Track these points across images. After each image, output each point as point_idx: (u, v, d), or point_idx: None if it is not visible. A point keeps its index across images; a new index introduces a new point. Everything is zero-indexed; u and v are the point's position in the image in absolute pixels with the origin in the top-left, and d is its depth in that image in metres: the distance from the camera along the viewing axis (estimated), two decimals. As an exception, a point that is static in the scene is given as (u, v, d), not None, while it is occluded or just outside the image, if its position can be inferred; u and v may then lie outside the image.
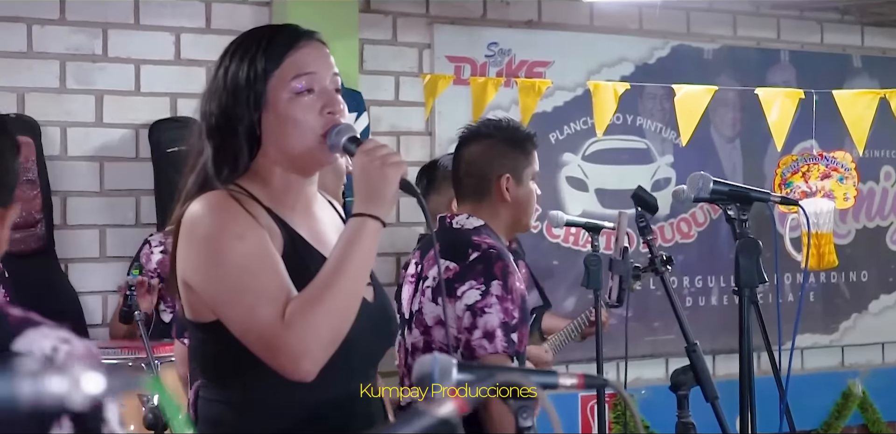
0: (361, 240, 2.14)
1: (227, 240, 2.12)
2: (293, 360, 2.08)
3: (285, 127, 2.22)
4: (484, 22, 6.11)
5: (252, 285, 2.11)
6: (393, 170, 2.15)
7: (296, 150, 2.22)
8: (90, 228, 5.25)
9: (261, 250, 2.13)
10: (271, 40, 2.26)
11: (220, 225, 2.14)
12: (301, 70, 2.23)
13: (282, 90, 2.22)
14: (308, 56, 2.26)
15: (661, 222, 6.40)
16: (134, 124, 5.31)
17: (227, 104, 2.24)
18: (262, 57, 2.24)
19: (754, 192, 3.08)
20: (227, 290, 2.13)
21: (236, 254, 2.12)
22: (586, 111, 6.02)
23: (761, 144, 6.60)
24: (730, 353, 6.00)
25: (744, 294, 2.98)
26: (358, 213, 2.16)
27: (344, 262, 2.12)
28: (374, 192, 2.16)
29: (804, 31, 7.00)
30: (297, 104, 2.21)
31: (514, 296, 3.24)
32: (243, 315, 2.12)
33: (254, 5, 5.57)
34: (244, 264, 2.12)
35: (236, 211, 2.16)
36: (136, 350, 4.10)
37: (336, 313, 2.10)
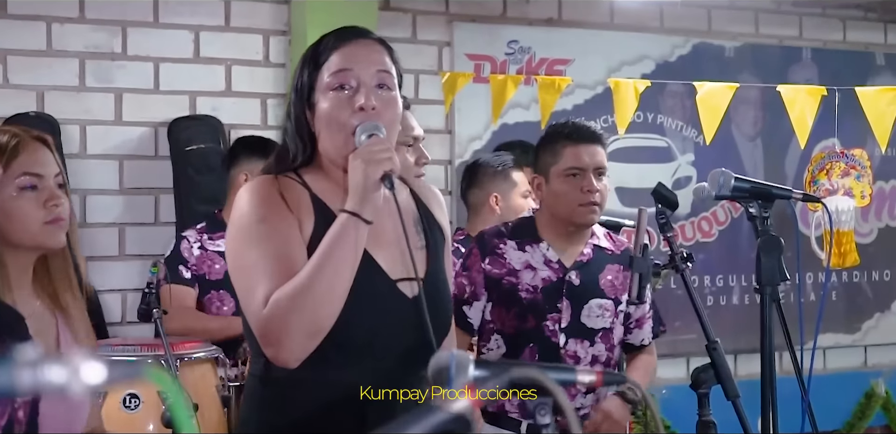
0: (341, 237, 2.19)
1: (249, 220, 2.23)
2: (270, 346, 2.18)
3: (322, 123, 2.31)
4: (504, 20, 6.09)
5: (254, 268, 2.20)
6: (374, 167, 2.20)
7: (330, 146, 2.32)
8: (109, 227, 5.25)
9: (275, 234, 2.24)
10: (319, 43, 2.36)
11: (247, 207, 2.25)
12: (339, 66, 2.30)
13: (322, 86, 2.31)
14: (351, 51, 2.32)
15: (682, 221, 6.37)
16: (153, 122, 5.31)
17: (292, 103, 2.37)
18: (312, 60, 2.35)
19: (776, 189, 3.05)
20: (237, 269, 2.26)
21: (251, 235, 2.22)
22: (606, 109, 6.00)
23: (783, 143, 6.57)
24: (751, 353, 5.96)
25: (765, 292, 2.95)
26: (342, 210, 2.23)
27: (324, 259, 2.18)
28: (355, 189, 2.22)
29: (826, 29, 6.95)
30: (329, 100, 2.29)
31: (472, 274, 3.54)
32: (242, 294, 2.24)
33: (273, 3, 5.56)
34: (254, 246, 2.22)
35: (268, 194, 2.26)
36: (154, 348, 4.09)
37: (310, 307, 2.15)
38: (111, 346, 4.26)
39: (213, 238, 4.68)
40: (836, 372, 6.81)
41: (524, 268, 3.56)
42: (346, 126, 2.27)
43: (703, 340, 2.91)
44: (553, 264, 3.57)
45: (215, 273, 4.64)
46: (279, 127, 5.56)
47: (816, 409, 3.09)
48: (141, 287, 4.65)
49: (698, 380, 2.80)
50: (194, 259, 4.66)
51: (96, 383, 0.82)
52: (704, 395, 2.79)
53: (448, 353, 1.63)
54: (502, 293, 3.54)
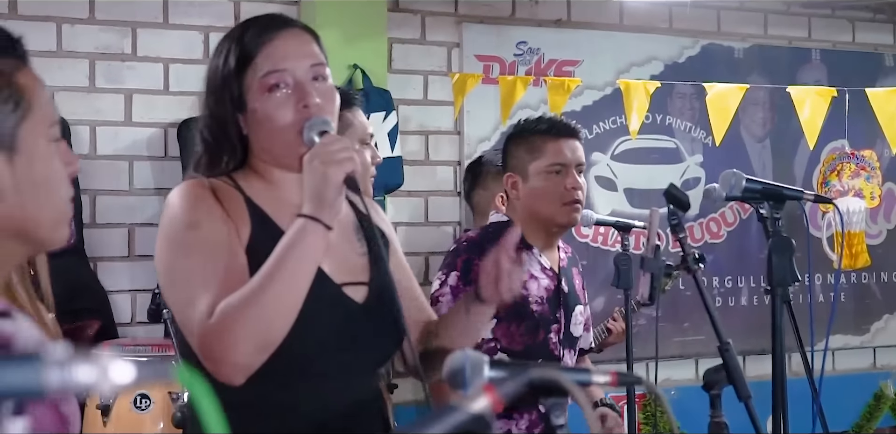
0: (298, 243, 2.03)
1: (181, 227, 2.08)
2: (214, 362, 2.00)
3: (262, 125, 2.15)
4: (513, 21, 6.09)
5: (192, 277, 2.04)
6: (335, 169, 2.04)
7: (276, 148, 2.16)
8: (119, 227, 5.26)
9: (212, 241, 2.07)
10: (241, 37, 2.20)
11: (178, 212, 2.10)
12: (273, 66, 2.15)
13: (255, 89, 2.15)
14: (280, 48, 2.18)
15: (691, 222, 6.36)
16: (163, 123, 5.31)
17: (211, 105, 2.21)
18: (234, 56, 2.18)
19: (787, 190, 3.05)
20: (172, 280, 2.09)
21: (185, 242, 2.07)
22: (615, 110, 6.00)
23: (792, 144, 6.56)
24: (760, 354, 5.96)
25: (776, 293, 2.95)
26: (300, 214, 2.07)
27: (278, 266, 2.01)
28: (314, 193, 2.06)
29: (836, 30, 6.94)
30: (269, 101, 2.14)
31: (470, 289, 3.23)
32: (179, 306, 2.07)
33: (282, 4, 5.56)
34: (190, 254, 2.06)
35: (200, 198, 2.11)
36: (165, 348, 4.10)
37: (262, 318, 1.98)
38: (121, 347, 4.27)
39: None
40: (844, 373, 6.80)
41: (529, 277, 3.34)
42: (291, 125, 2.13)
43: (711, 341, 2.91)
44: (548, 272, 3.42)
45: None
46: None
47: (825, 410, 3.09)
48: (150, 287, 4.67)
49: (710, 381, 2.79)
50: None
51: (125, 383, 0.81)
52: (717, 397, 2.79)
53: (462, 353, 1.63)
54: (512, 307, 3.17)
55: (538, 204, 3.36)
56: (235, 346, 1.97)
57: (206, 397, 0.82)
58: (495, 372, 1.58)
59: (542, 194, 3.34)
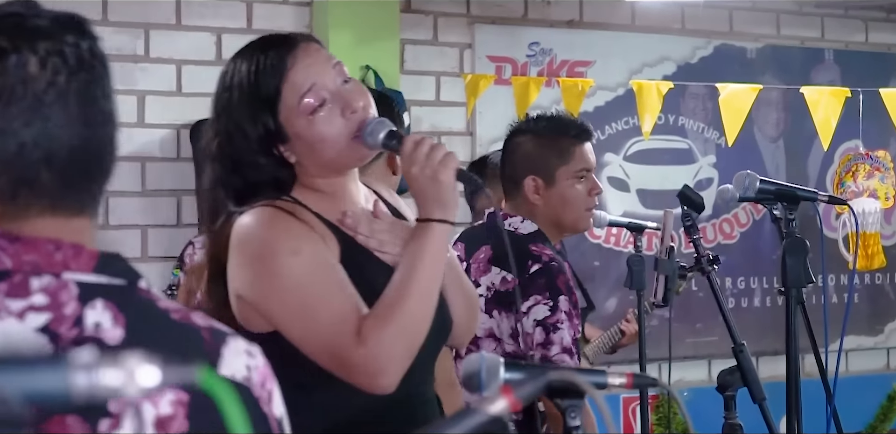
0: (428, 246, 2.08)
1: (282, 256, 2.04)
2: (371, 377, 2.02)
3: (316, 146, 2.12)
4: (525, 21, 6.09)
5: (318, 304, 2.04)
6: (444, 172, 2.08)
7: (334, 161, 2.15)
8: (132, 228, 5.26)
9: (320, 264, 2.06)
10: (259, 73, 2.11)
11: (272, 241, 2.06)
12: (302, 89, 2.10)
13: (295, 117, 2.11)
14: (300, 72, 2.12)
15: (704, 223, 6.35)
16: (175, 124, 5.32)
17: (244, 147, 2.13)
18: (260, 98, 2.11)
19: (801, 192, 3.05)
20: (291, 310, 2.06)
21: (294, 271, 2.04)
22: (628, 111, 5.99)
23: (805, 144, 6.54)
24: (773, 355, 5.94)
25: (790, 294, 2.94)
26: (422, 219, 2.11)
27: (414, 273, 2.06)
28: (433, 198, 2.09)
29: (849, 30, 6.93)
30: (317, 123, 2.11)
31: (578, 311, 3.17)
32: (313, 334, 2.05)
33: (294, 5, 5.57)
34: (305, 282, 2.04)
35: (288, 224, 2.08)
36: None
37: (411, 326, 2.04)
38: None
39: None
40: (858, 374, 6.78)
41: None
42: (345, 135, 2.11)
43: (724, 342, 2.91)
44: None
45: None
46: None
47: (839, 412, 3.08)
48: (162, 289, 4.68)
49: (725, 382, 2.80)
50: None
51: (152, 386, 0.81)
52: (731, 398, 2.79)
53: (478, 355, 1.62)
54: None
55: (564, 209, 3.29)
56: (392, 356, 2.02)
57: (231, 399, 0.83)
58: (511, 374, 1.58)
59: (570, 200, 3.28)
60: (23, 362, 0.85)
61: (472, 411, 1.14)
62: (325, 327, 2.02)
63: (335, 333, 2.01)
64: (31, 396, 0.83)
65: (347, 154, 2.13)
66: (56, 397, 0.83)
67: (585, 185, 3.28)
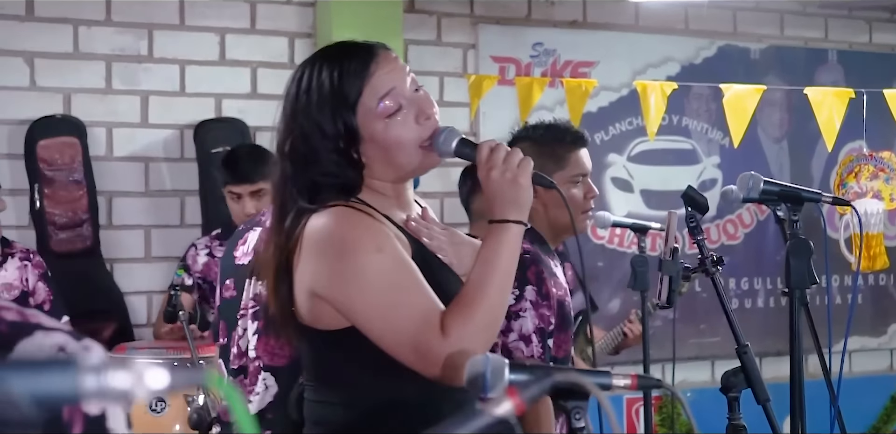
0: (505, 245, 2.17)
1: (366, 254, 2.12)
2: (453, 370, 2.05)
3: (389, 151, 2.20)
4: (528, 22, 6.09)
5: (401, 301, 2.12)
6: (523, 176, 2.17)
7: (403, 166, 2.23)
8: (135, 229, 5.27)
9: (401, 262, 2.14)
10: (342, 75, 2.20)
11: (355, 239, 2.13)
12: (382, 92, 2.19)
13: (372, 119, 2.19)
14: (382, 77, 2.21)
15: (708, 224, 6.35)
16: (179, 125, 5.32)
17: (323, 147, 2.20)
18: (341, 97, 2.19)
19: (805, 192, 3.03)
20: (374, 306, 2.13)
21: (378, 268, 2.12)
22: (632, 112, 5.99)
23: (809, 145, 6.54)
24: (776, 356, 5.94)
25: (794, 295, 2.94)
26: (499, 220, 2.18)
27: (493, 270, 2.14)
28: (511, 201, 2.18)
29: (852, 31, 6.92)
30: (393, 127, 2.19)
31: (551, 302, 3.25)
32: (396, 329, 2.12)
33: (298, 6, 5.57)
34: (389, 280, 2.12)
35: (368, 223, 2.16)
36: (180, 350, 4.10)
37: (490, 320, 2.13)
38: (137, 349, 4.27)
39: (224, 244, 4.70)
40: (861, 375, 6.78)
41: (570, 286, 3.45)
42: (417, 140, 2.20)
43: (727, 343, 2.90)
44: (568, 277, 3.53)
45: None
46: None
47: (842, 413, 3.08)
48: (166, 289, 4.68)
49: (728, 383, 2.79)
50: (199, 266, 4.67)
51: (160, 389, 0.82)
52: (734, 399, 2.78)
53: (483, 356, 1.62)
54: (563, 316, 3.32)
55: (561, 212, 3.34)
56: (475, 349, 2.07)
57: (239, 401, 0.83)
58: (516, 375, 1.58)
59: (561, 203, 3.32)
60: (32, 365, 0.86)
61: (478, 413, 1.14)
62: (409, 322, 2.10)
63: (419, 328, 2.09)
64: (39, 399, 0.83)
65: (418, 160, 2.22)
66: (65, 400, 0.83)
67: (581, 189, 3.40)
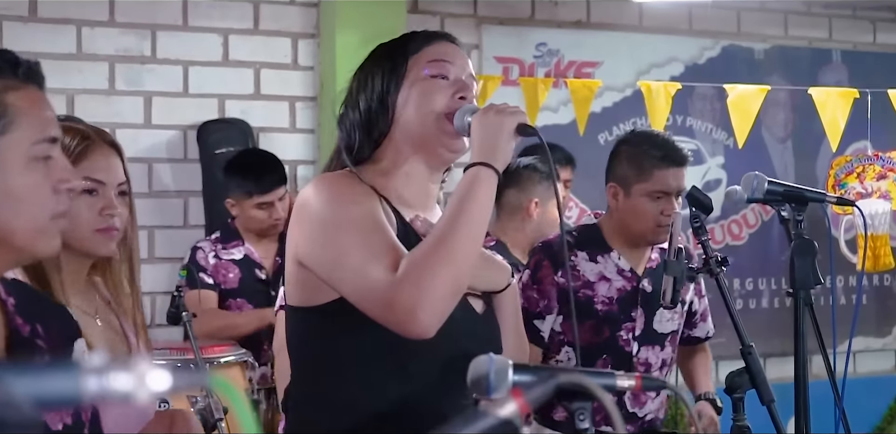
0: (475, 189, 2.09)
1: (342, 205, 2.11)
2: (407, 313, 1.99)
3: (415, 106, 2.21)
4: (532, 22, 6.09)
5: (363, 242, 2.06)
6: (509, 118, 2.13)
7: (422, 132, 2.21)
8: (139, 229, 5.25)
9: (375, 214, 2.11)
10: (414, 35, 2.32)
11: (334, 194, 2.13)
12: (438, 56, 2.25)
13: (417, 70, 2.23)
14: (446, 48, 2.29)
15: (712, 224, 6.35)
16: (182, 126, 5.32)
17: (368, 88, 2.25)
18: (404, 46, 2.27)
19: (809, 193, 3.03)
20: (341, 251, 2.07)
21: (350, 216, 2.09)
22: (636, 112, 5.98)
23: (814, 145, 6.53)
24: (781, 357, 5.93)
25: (799, 296, 2.93)
26: (472, 164, 2.12)
27: (459, 213, 2.06)
28: (487, 141, 2.12)
29: (857, 31, 6.92)
30: (428, 84, 2.22)
31: (544, 287, 3.46)
32: (354, 272, 2.05)
33: (302, 6, 5.57)
34: (357, 225, 2.08)
35: (351, 182, 2.17)
36: (184, 351, 4.09)
37: (452, 264, 2.01)
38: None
39: (227, 247, 4.73)
40: (866, 376, 6.77)
41: (599, 279, 3.52)
42: (443, 110, 2.20)
43: (732, 344, 2.89)
44: (626, 273, 3.54)
45: (230, 282, 4.67)
46: (308, 130, 5.59)
47: (846, 413, 3.07)
48: (170, 290, 4.67)
49: (733, 384, 2.79)
50: (211, 268, 4.69)
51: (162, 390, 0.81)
52: (739, 400, 2.78)
53: (487, 357, 1.62)
54: (576, 306, 3.39)
55: (632, 221, 3.51)
56: (432, 291, 1.99)
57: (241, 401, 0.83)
58: (520, 376, 1.58)
59: (639, 214, 3.50)
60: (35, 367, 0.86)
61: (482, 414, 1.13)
62: (367, 264, 2.03)
63: (376, 270, 2.02)
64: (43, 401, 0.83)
65: (435, 130, 2.20)
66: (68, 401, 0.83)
67: (658, 205, 3.48)
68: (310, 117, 5.59)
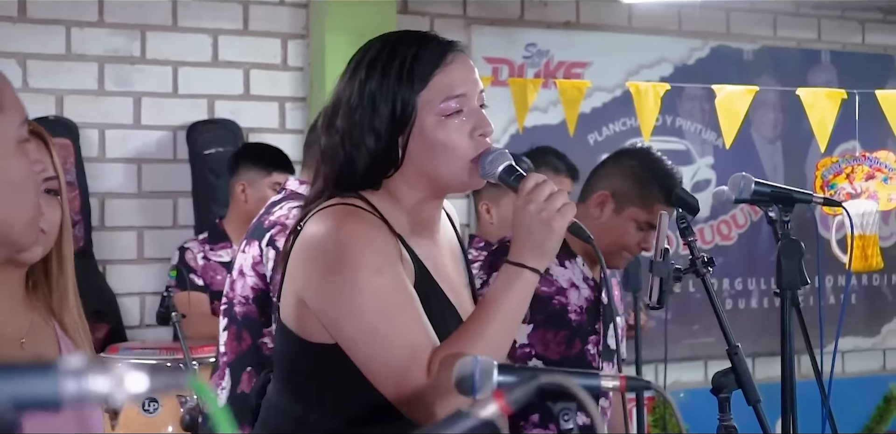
0: (513, 291, 2.00)
1: (364, 273, 1.97)
2: (430, 411, 1.95)
3: (433, 151, 2.06)
4: (522, 23, 6.09)
5: (392, 330, 1.97)
6: (560, 221, 1.99)
7: (442, 176, 2.08)
8: (128, 230, 5.26)
9: (401, 289, 2.00)
10: (417, 57, 2.07)
11: (355, 252, 1.98)
12: (451, 92, 2.06)
13: (430, 112, 2.05)
14: (456, 74, 2.09)
15: (701, 224, 6.36)
16: (171, 126, 5.32)
17: (367, 123, 2.06)
18: (409, 76, 2.06)
19: (797, 193, 3.03)
20: (363, 331, 1.99)
21: (374, 291, 1.97)
22: (625, 112, 5.99)
23: (802, 146, 6.55)
24: (770, 356, 5.94)
25: (786, 296, 2.94)
26: (515, 262, 2.02)
27: (495, 314, 1.99)
28: (536, 244, 2.00)
29: (845, 32, 6.93)
30: (446, 127, 2.05)
31: None
32: (382, 360, 1.98)
33: (291, 7, 5.57)
34: (384, 305, 1.98)
35: (373, 235, 2.01)
36: (173, 351, 4.10)
37: None
38: (130, 350, 4.27)
39: (215, 249, 4.73)
40: (855, 375, 6.79)
41: (570, 286, 3.35)
42: (466, 154, 2.06)
43: (721, 344, 2.90)
44: (590, 281, 3.40)
45: (217, 284, 4.68)
46: (297, 131, 5.59)
47: (835, 413, 3.08)
48: (159, 290, 4.68)
49: (719, 384, 2.79)
50: (200, 269, 4.69)
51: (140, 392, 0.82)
52: (725, 400, 2.78)
53: (472, 358, 1.62)
54: (550, 314, 3.28)
55: (608, 236, 3.34)
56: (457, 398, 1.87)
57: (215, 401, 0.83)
58: (505, 377, 1.58)
59: (619, 235, 3.36)
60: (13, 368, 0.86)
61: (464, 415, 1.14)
62: (396, 354, 1.96)
63: (405, 362, 1.96)
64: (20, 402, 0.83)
65: (458, 175, 2.08)
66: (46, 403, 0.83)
67: (640, 235, 3.36)
68: (299, 118, 5.59)
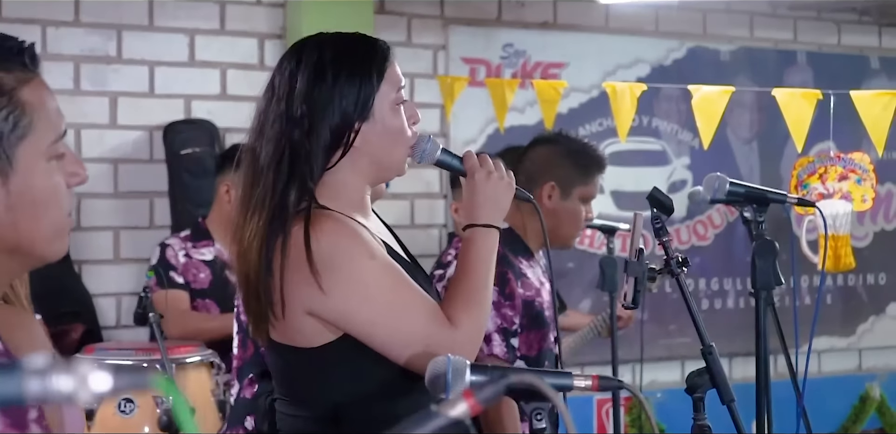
0: (490, 248, 2.28)
1: (362, 261, 2.15)
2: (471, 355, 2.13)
3: (387, 137, 2.24)
4: (499, 23, 6.10)
5: (404, 302, 2.17)
6: (513, 183, 2.32)
7: (392, 162, 2.27)
8: (104, 230, 5.25)
9: (393, 265, 2.19)
10: (375, 52, 2.28)
11: (346, 248, 2.15)
12: (399, 84, 2.27)
13: (386, 101, 2.24)
14: (397, 68, 2.30)
15: (677, 224, 6.38)
16: (148, 126, 5.31)
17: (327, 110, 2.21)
18: (373, 69, 2.25)
19: (771, 194, 3.05)
20: (380, 313, 2.16)
21: (376, 274, 2.15)
22: (601, 113, 6.00)
23: (778, 146, 6.57)
24: (746, 356, 5.95)
25: (760, 296, 2.95)
26: (486, 225, 2.28)
27: (487, 268, 2.25)
28: (501, 207, 2.30)
29: (822, 32, 6.96)
30: (398, 115, 2.25)
31: (515, 302, 3.32)
32: (405, 331, 2.16)
33: (268, 7, 5.56)
34: (387, 284, 2.16)
35: (353, 229, 2.18)
36: (150, 352, 4.09)
37: (485, 311, 2.24)
38: (106, 350, 4.26)
39: (198, 246, 4.71)
40: (831, 375, 6.81)
41: (540, 285, 3.45)
42: (409, 141, 2.28)
43: (697, 343, 2.91)
44: (545, 276, 3.49)
45: (200, 282, 4.66)
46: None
47: (811, 413, 3.09)
48: (135, 291, 4.67)
49: (693, 384, 2.79)
50: (181, 267, 4.67)
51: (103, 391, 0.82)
52: (699, 400, 2.79)
53: (444, 358, 1.63)
54: (534, 316, 3.39)
55: (564, 223, 3.50)
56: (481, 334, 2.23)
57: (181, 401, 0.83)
58: (477, 376, 1.59)
59: (574, 217, 3.51)
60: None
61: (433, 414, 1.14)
62: (418, 321, 2.16)
63: (428, 324, 2.16)
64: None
65: (401, 160, 2.28)
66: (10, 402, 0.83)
67: (586, 209, 3.53)
68: (276, 118, 5.58)
